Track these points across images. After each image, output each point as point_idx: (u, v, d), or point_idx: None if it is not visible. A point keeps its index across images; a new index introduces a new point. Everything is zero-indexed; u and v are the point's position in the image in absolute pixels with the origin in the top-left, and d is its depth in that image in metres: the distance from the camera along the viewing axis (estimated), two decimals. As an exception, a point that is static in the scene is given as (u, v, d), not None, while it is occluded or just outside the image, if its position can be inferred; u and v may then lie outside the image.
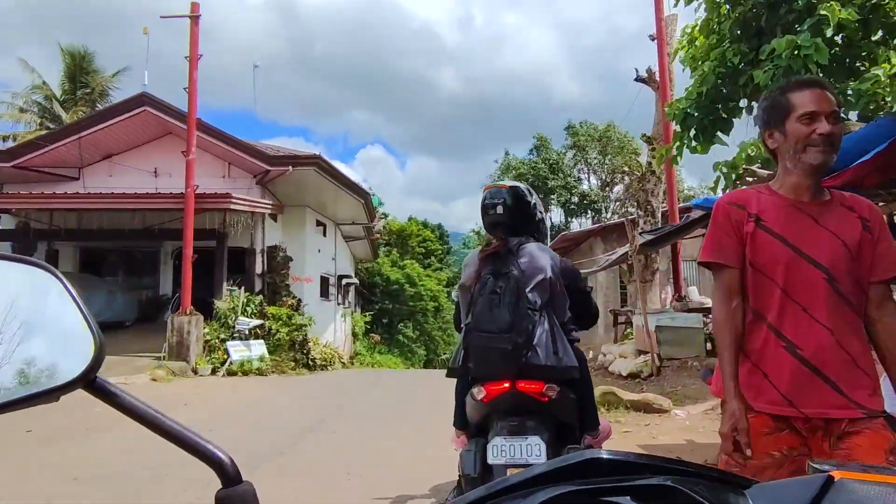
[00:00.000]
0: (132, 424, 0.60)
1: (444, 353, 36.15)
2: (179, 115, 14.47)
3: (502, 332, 2.08)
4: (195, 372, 10.65)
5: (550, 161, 28.50)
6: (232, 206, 12.17)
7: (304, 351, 13.22)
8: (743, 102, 8.65)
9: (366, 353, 23.79)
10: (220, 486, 0.57)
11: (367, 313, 27.59)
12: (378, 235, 25.78)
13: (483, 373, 2.18)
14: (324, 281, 19.65)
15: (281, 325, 13.09)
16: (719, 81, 7.50)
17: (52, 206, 13.13)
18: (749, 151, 6.77)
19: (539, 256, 2.25)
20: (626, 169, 12.80)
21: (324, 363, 14.24)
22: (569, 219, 29.19)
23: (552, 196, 27.03)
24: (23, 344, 0.57)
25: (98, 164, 15.53)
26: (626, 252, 9.75)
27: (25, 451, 5.30)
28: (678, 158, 8.63)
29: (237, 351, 11.40)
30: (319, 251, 19.24)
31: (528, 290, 2.15)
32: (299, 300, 14.97)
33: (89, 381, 0.56)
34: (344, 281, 22.52)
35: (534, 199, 2.51)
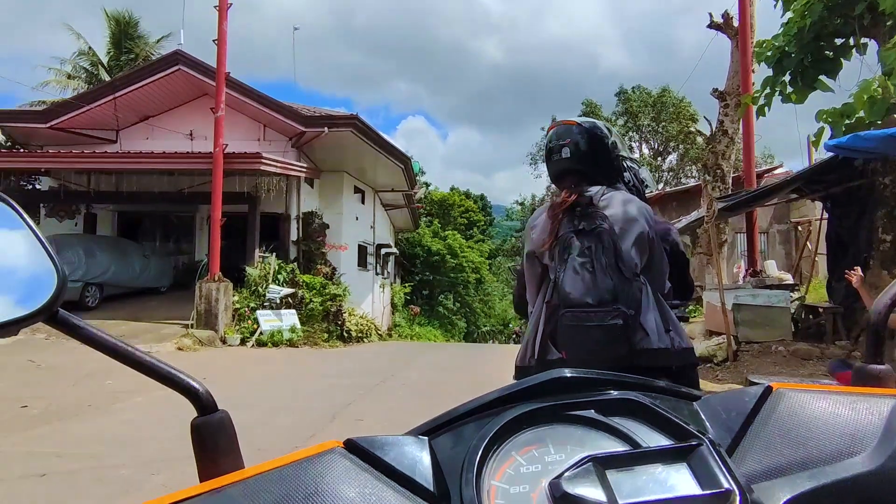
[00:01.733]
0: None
1: (485, 326, 35.50)
2: (214, 75, 13.72)
3: (604, 303, 1.49)
4: (223, 341, 9.99)
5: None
6: (263, 167, 11.33)
7: (339, 322, 12.46)
8: (854, 39, 7.21)
9: (405, 325, 23.10)
10: (196, 415, 0.56)
11: (407, 284, 26.92)
12: (419, 204, 24.76)
13: (580, 361, 1.51)
14: (361, 250, 18.86)
15: (314, 295, 12.33)
16: (827, 12, 6.06)
17: (83, 166, 12.58)
18: (876, 93, 5.38)
19: (630, 207, 1.65)
20: (692, 129, 11.28)
21: (359, 335, 13.49)
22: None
23: (601, 165, 25.40)
24: None
25: (135, 126, 15.00)
26: (699, 219, 8.45)
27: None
28: (766, 109, 7.25)
29: (267, 321, 10.69)
30: (357, 219, 18.42)
31: (623, 248, 1.55)
32: (334, 269, 14.20)
33: (51, 314, 0.52)
34: (383, 250, 21.72)
35: (613, 137, 1.82)
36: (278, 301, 11.06)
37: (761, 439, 0.47)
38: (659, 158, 27.28)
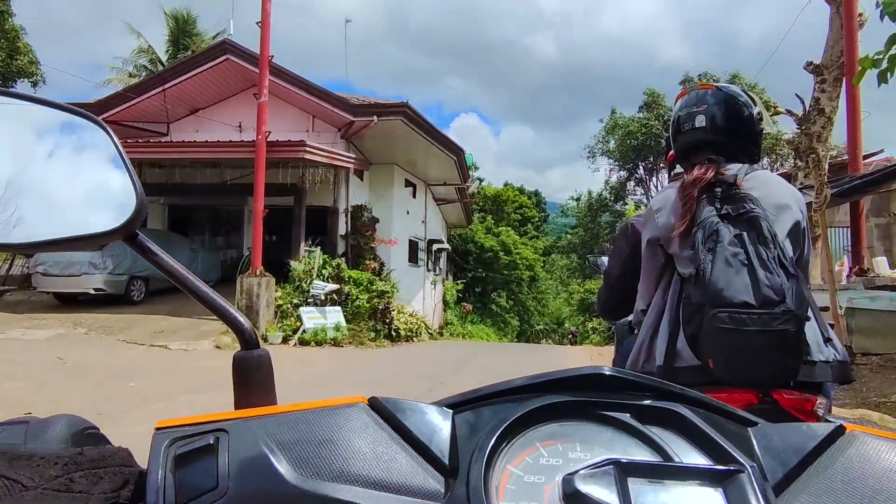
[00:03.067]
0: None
1: (538, 325, 34.40)
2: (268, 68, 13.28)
3: (768, 303, 1.14)
4: (265, 339, 9.41)
5: (665, 117, 25.02)
6: (307, 156, 10.69)
7: (387, 320, 11.73)
8: None
9: (457, 323, 22.28)
10: (240, 349, 0.59)
11: (460, 281, 26.17)
12: (471, 198, 23.84)
13: (734, 373, 1.19)
14: (412, 245, 18.13)
15: (361, 291, 11.64)
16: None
17: (129, 155, 12.27)
18: None
19: (782, 190, 1.38)
20: (781, 110, 9.88)
21: (408, 334, 12.74)
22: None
23: (664, 157, 23.67)
24: (70, 190, 0.57)
25: (185, 119, 14.76)
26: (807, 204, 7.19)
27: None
28: (890, 73, 5.94)
29: (311, 318, 10.06)
30: (408, 213, 17.70)
31: (779, 237, 1.26)
32: (382, 264, 13.49)
33: (129, 234, 0.56)
34: (434, 246, 20.95)
35: (758, 108, 1.52)
36: (322, 297, 10.42)
37: (819, 482, 0.42)
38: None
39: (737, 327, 1.17)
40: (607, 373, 0.49)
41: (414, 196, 18.49)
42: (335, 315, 10.38)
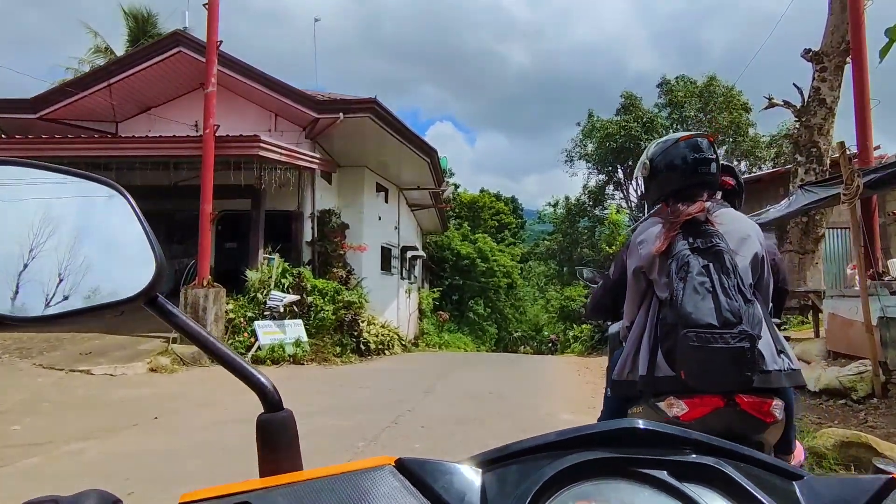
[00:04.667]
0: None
1: (516, 332, 33.52)
2: (224, 61, 12.07)
3: (728, 325, 1.42)
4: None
5: (644, 119, 24.29)
6: (263, 153, 9.52)
7: (354, 333, 10.59)
8: None
9: (433, 333, 21.18)
10: (262, 411, 0.58)
11: (436, 289, 25.13)
12: (447, 204, 22.84)
13: (701, 382, 1.46)
14: (385, 252, 17.02)
15: (326, 302, 10.49)
16: None
17: (61, 153, 10.89)
18: None
19: (743, 225, 1.64)
20: (778, 102, 9.06)
21: (379, 347, 11.61)
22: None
23: (645, 160, 22.96)
24: (88, 258, 0.56)
25: (135, 118, 13.48)
26: (830, 196, 6.33)
27: None
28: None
29: (267, 333, 8.88)
30: (380, 219, 16.60)
31: (742, 266, 1.53)
32: (349, 271, 12.37)
33: (150, 298, 0.55)
34: (409, 253, 19.86)
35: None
36: (281, 310, 9.25)
37: None
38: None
39: (703, 345, 1.42)
40: (642, 426, 0.47)
41: (386, 201, 17.41)
42: (295, 329, 9.21)
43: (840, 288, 8.03)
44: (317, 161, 11.91)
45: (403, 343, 14.49)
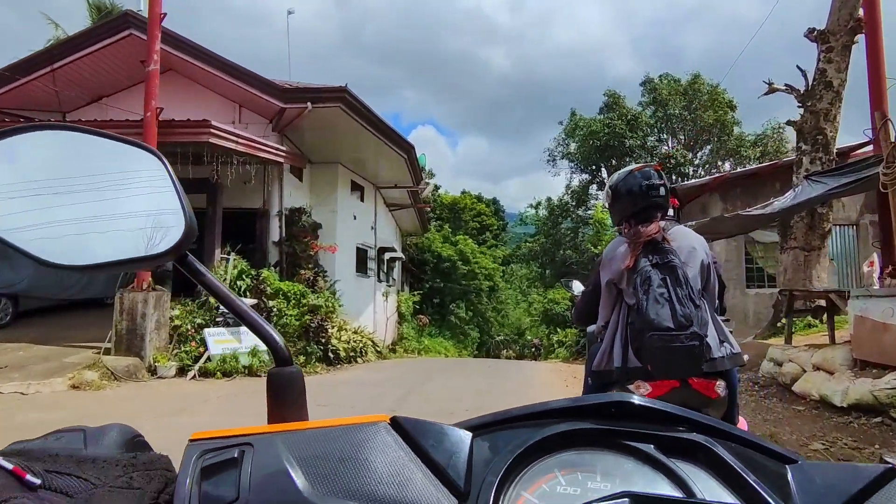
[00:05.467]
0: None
1: (498, 336, 32.73)
2: (178, 43, 11.04)
3: (682, 327, 1.77)
4: (152, 372, 7.14)
5: (629, 117, 23.54)
6: (214, 140, 8.48)
7: (321, 340, 9.59)
8: None
9: (412, 338, 20.20)
10: (273, 365, 0.61)
11: (416, 292, 24.17)
12: (426, 203, 21.89)
13: (664, 373, 1.85)
14: (360, 253, 16.02)
15: (291, 307, 9.48)
16: None
17: None
18: None
19: (691, 240, 2.03)
20: (779, 87, 8.26)
21: (351, 355, 10.62)
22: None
23: (629, 159, 22.16)
24: (126, 215, 0.59)
25: (86, 107, 12.33)
26: (850, 184, 5.51)
27: None
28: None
29: (219, 341, 7.84)
30: (355, 218, 15.60)
31: (691, 276, 1.89)
32: (316, 272, 11.37)
33: (180, 256, 0.58)
34: (387, 255, 18.88)
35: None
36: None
37: None
38: (689, 154, 24.09)
39: (664, 344, 1.78)
40: (636, 402, 0.47)
41: (362, 199, 16.42)
42: (252, 337, 8.18)
43: (863, 287, 7.25)
44: (282, 154, 10.89)
45: (378, 349, 13.50)
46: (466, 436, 0.45)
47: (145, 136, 7.80)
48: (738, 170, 11.35)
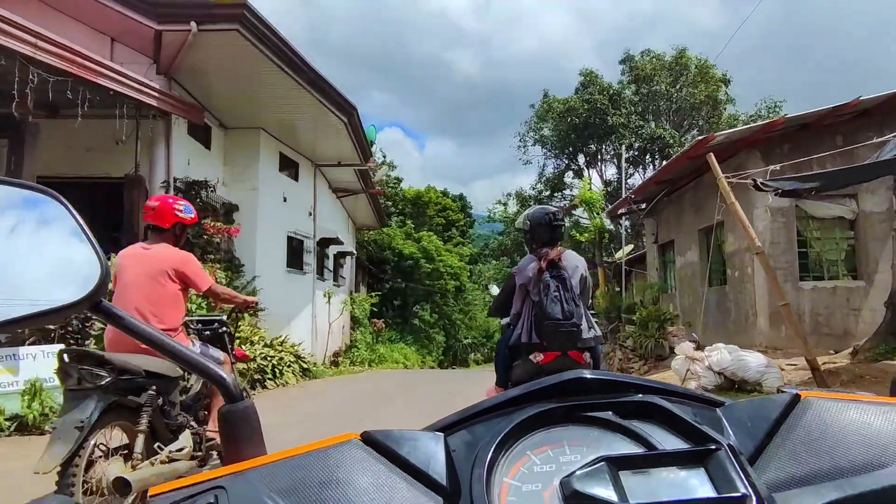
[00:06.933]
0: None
1: (466, 339, 29.89)
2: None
3: (566, 319, 2.93)
4: None
5: (610, 92, 20.79)
6: (35, 54, 5.07)
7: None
8: None
9: (363, 347, 16.86)
10: (223, 403, 0.59)
11: (375, 294, 20.91)
12: (380, 189, 18.58)
13: (554, 347, 2.99)
14: (294, 244, 12.71)
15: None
16: None
17: None
18: None
19: (576, 261, 3.19)
20: None
21: (256, 379, 7.34)
22: (629, 168, 20.75)
23: (611, 137, 19.40)
24: (31, 266, 0.57)
25: None
26: None
27: None
28: None
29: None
30: (286, 200, 12.30)
31: (573, 285, 3.03)
32: (229, 267, 8.02)
33: (94, 303, 0.56)
34: (333, 248, 15.60)
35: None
36: (25, 332, 4.87)
37: (786, 448, 0.44)
38: (677, 134, 21.39)
39: (555, 329, 2.93)
40: (589, 376, 0.50)
41: (296, 179, 13.12)
42: (35, 366, 4.82)
43: None
44: (155, 94, 7.56)
45: (306, 366, 10.20)
46: (439, 437, 0.45)
47: None
48: (793, 114, 8.31)
